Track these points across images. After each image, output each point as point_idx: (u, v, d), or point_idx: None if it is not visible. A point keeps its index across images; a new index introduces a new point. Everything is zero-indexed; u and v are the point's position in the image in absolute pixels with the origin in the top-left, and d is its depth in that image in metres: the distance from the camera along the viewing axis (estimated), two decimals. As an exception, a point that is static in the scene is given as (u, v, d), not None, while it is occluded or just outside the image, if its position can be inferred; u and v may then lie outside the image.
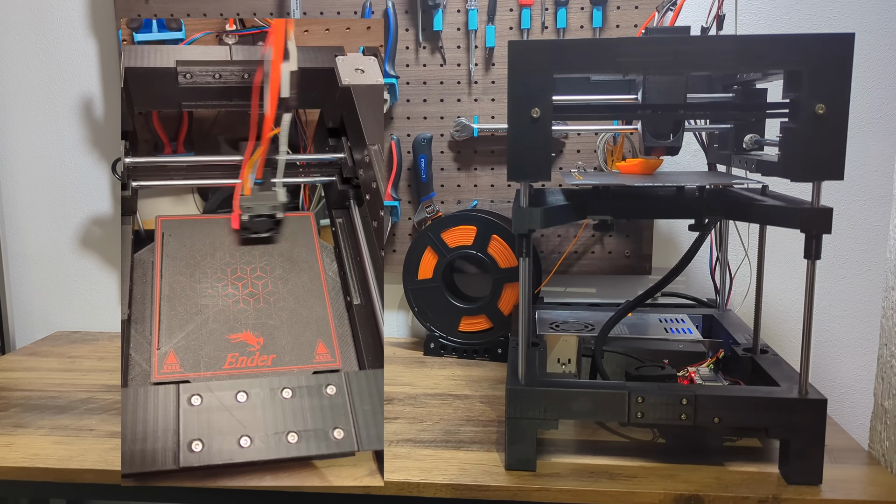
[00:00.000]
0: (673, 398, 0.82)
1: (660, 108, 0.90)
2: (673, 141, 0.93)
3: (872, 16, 1.24)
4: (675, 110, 0.91)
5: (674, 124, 0.92)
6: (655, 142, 0.93)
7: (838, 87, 0.76)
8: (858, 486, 0.83)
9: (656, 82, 0.89)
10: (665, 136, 0.93)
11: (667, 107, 0.90)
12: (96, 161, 1.44)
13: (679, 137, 0.93)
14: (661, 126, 0.93)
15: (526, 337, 0.87)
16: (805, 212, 0.78)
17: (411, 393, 1.11)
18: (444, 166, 1.34)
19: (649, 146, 0.94)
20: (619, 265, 1.33)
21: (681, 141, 0.93)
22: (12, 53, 1.43)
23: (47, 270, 1.49)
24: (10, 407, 1.07)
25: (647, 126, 0.93)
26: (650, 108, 0.90)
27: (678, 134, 0.93)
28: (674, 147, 0.93)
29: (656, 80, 0.89)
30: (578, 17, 1.27)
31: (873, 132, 1.27)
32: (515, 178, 0.83)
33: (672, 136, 0.93)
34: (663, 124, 0.92)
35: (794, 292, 1.32)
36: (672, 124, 0.93)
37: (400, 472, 0.86)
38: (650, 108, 0.90)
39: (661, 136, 0.93)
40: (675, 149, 0.94)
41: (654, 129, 0.93)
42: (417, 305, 1.29)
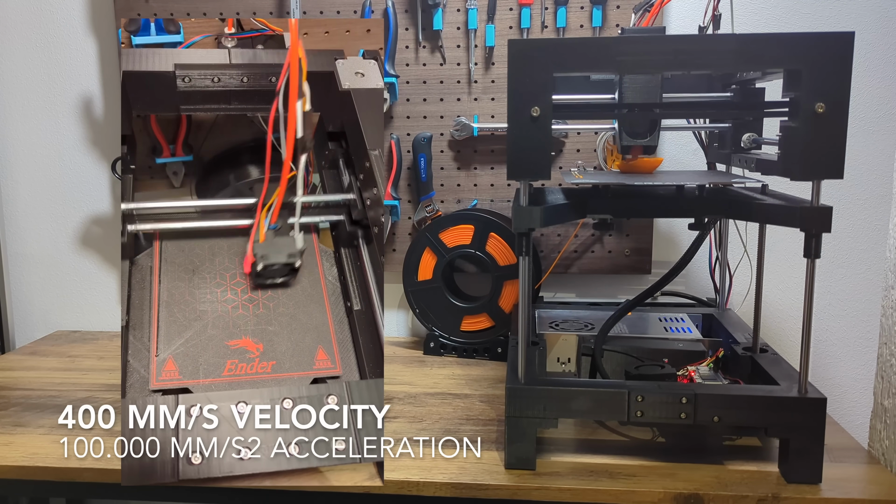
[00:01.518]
0: (673, 397, 0.82)
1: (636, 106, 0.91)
2: (649, 140, 0.93)
3: (872, 14, 1.24)
4: (651, 109, 0.91)
5: (650, 123, 0.93)
6: (632, 140, 0.94)
7: (838, 85, 0.76)
8: (858, 485, 0.83)
9: (633, 81, 0.90)
10: (642, 136, 0.93)
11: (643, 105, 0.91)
12: (96, 161, 1.44)
13: (655, 136, 0.93)
14: (637, 125, 0.93)
15: (526, 336, 0.87)
16: (805, 211, 0.78)
17: (411, 392, 1.11)
18: (443, 165, 1.34)
19: (626, 145, 0.94)
20: (618, 264, 1.33)
21: (657, 139, 0.94)
22: (12, 53, 1.43)
23: (47, 270, 1.49)
24: (10, 406, 1.07)
25: (624, 125, 0.93)
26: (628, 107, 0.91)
27: (654, 133, 0.93)
28: (650, 146, 0.94)
29: (632, 79, 0.90)
30: (578, 17, 1.27)
31: (873, 131, 1.27)
32: (515, 177, 0.83)
33: (649, 135, 0.93)
34: (639, 123, 0.93)
35: (794, 291, 1.32)
36: (648, 123, 0.93)
37: (400, 471, 0.86)
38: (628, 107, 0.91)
39: (638, 134, 0.93)
40: (651, 147, 0.94)
41: (630, 128, 0.93)
42: (419, 307, 1.29)
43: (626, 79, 0.89)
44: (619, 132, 0.94)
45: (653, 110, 0.91)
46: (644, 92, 0.89)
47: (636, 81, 0.89)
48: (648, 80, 0.89)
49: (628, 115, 0.92)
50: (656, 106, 0.91)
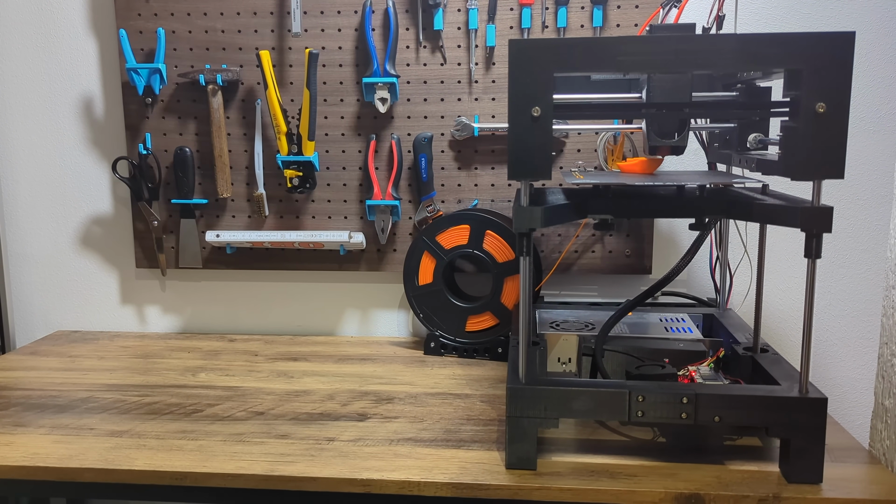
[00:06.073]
0: (673, 397, 0.82)
1: (664, 106, 0.90)
2: (678, 140, 0.92)
3: (873, 14, 1.24)
4: (681, 109, 0.90)
5: (679, 123, 0.92)
6: (661, 141, 0.92)
7: (839, 85, 0.76)
8: (859, 485, 0.83)
9: (661, 80, 0.89)
10: (670, 136, 0.92)
11: (672, 105, 0.89)
12: (96, 161, 1.44)
13: (684, 136, 0.92)
14: (667, 125, 0.92)
15: (526, 336, 0.87)
16: (805, 211, 0.78)
17: (412, 392, 1.11)
18: (444, 165, 1.34)
19: (654, 145, 0.93)
20: (619, 264, 1.33)
21: (686, 140, 0.92)
22: (12, 53, 1.43)
23: (47, 270, 1.49)
24: (11, 406, 1.07)
25: (652, 125, 0.92)
26: (654, 106, 0.90)
27: (683, 133, 0.92)
28: (679, 146, 0.93)
29: (661, 78, 0.88)
30: (579, 17, 1.27)
31: (874, 131, 1.27)
32: (516, 177, 0.83)
33: (677, 136, 0.92)
34: (669, 123, 0.92)
35: (795, 291, 1.32)
36: (677, 123, 0.92)
37: (400, 472, 0.86)
38: (654, 106, 0.90)
39: (667, 135, 0.92)
40: (680, 148, 0.93)
41: (659, 128, 0.92)
42: (422, 311, 1.28)
43: (655, 78, 0.88)
44: (646, 132, 0.92)
45: (682, 110, 0.90)
46: (674, 91, 0.88)
47: (665, 81, 0.88)
48: (678, 80, 0.88)
49: (657, 115, 0.91)
50: (686, 105, 0.89)
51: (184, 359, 1.29)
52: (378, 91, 1.29)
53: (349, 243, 1.34)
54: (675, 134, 0.92)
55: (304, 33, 1.32)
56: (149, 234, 1.41)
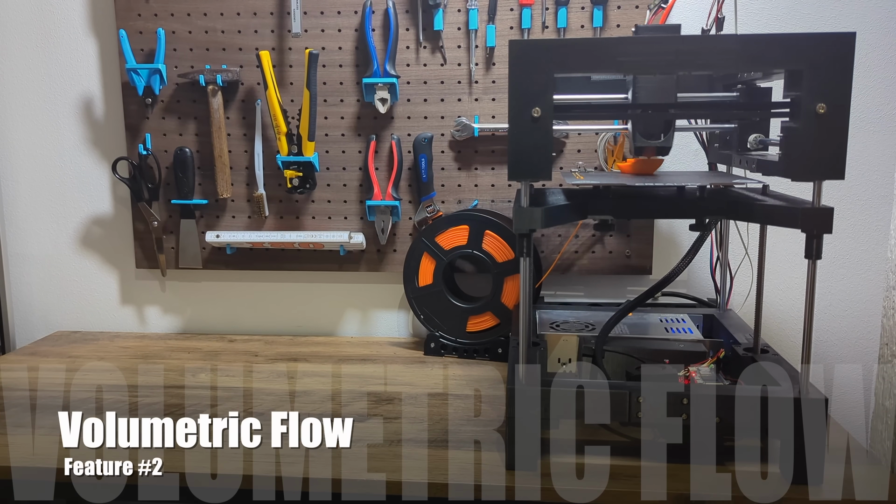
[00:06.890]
0: (673, 398, 0.82)
1: (651, 107, 0.89)
2: (663, 140, 0.92)
3: (873, 15, 1.24)
4: (666, 109, 0.90)
5: (664, 124, 0.92)
6: (646, 141, 0.92)
7: (839, 86, 0.75)
8: (859, 485, 0.83)
9: (646, 81, 0.89)
10: (656, 136, 0.92)
11: (658, 106, 0.89)
12: (96, 161, 1.44)
13: (670, 137, 0.92)
14: (652, 126, 0.92)
15: (526, 336, 0.87)
16: (806, 211, 0.78)
17: (412, 392, 1.11)
18: (444, 166, 1.34)
19: (640, 146, 0.93)
20: (619, 265, 1.33)
21: (671, 140, 0.92)
22: (12, 53, 1.42)
23: (47, 270, 1.49)
24: (10, 407, 1.07)
25: (638, 126, 0.92)
26: (640, 107, 0.89)
27: (669, 133, 0.92)
28: (664, 147, 0.93)
29: (646, 79, 0.88)
30: (579, 17, 1.27)
31: (874, 132, 1.27)
32: (516, 178, 0.83)
33: (663, 136, 0.92)
34: (654, 124, 0.92)
35: (795, 292, 1.32)
36: (662, 124, 0.92)
37: (401, 472, 0.85)
38: (640, 107, 0.89)
39: (652, 135, 0.92)
40: (665, 148, 0.93)
41: (644, 128, 0.92)
42: (423, 312, 1.28)
43: (641, 79, 0.88)
44: (632, 133, 0.92)
45: (667, 111, 0.90)
46: (659, 92, 0.88)
47: (651, 81, 0.88)
48: (663, 81, 0.88)
49: (643, 116, 0.91)
50: (671, 106, 0.89)
51: (184, 359, 1.29)
52: (378, 91, 1.29)
53: (349, 244, 1.34)
54: (660, 135, 0.92)
55: (304, 34, 1.32)
56: (149, 235, 1.41)
